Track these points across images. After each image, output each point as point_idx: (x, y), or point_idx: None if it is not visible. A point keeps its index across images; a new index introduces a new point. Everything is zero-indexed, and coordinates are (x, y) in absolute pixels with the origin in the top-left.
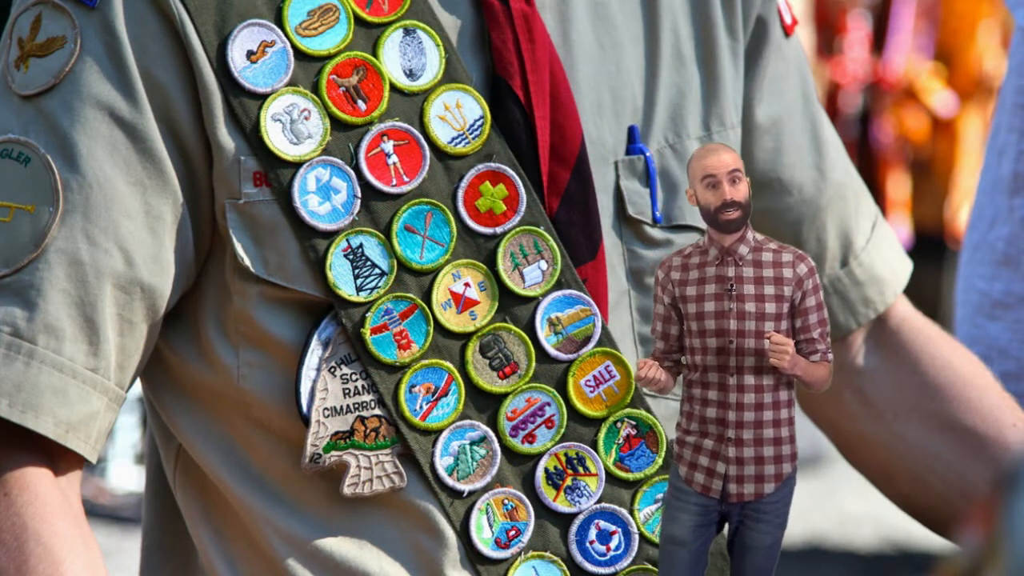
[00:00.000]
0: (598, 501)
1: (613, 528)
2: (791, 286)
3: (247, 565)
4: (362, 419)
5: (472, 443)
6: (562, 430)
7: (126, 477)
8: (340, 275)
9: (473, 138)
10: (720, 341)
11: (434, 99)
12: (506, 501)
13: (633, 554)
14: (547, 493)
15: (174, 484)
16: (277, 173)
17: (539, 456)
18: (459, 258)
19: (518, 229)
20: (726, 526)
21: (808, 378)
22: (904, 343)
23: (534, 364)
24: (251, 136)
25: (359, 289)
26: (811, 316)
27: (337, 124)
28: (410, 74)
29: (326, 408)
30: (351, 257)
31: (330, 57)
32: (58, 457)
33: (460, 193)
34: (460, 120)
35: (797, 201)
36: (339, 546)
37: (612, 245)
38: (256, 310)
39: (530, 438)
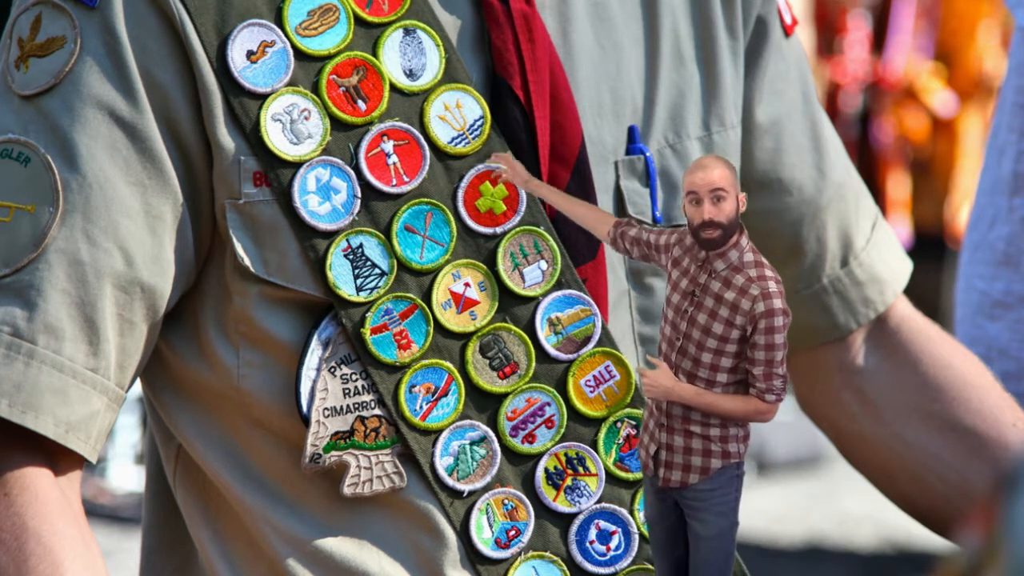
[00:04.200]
0: (598, 501)
1: (613, 528)
2: (744, 318)
3: (247, 565)
4: (362, 419)
5: (472, 443)
6: (562, 430)
7: (126, 477)
8: (340, 275)
9: (473, 138)
10: (673, 334)
11: (434, 99)
12: (506, 501)
13: (633, 554)
14: (547, 493)
15: (174, 484)
16: (277, 173)
17: (539, 456)
18: (459, 258)
19: (518, 229)
20: None
21: (701, 408)
22: (904, 343)
23: (534, 364)
24: (251, 136)
25: (359, 289)
26: (756, 352)
27: (337, 124)
28: (410, 74)
29: (326, 408)
30: (351, 257)
31: (330, 57)
32: (58, 457)
33: (460, 193)
34: (460, 120)
35: (797, 201)
36: (339, 546)
37: None
38: (256, 310)
39: (530, 438)
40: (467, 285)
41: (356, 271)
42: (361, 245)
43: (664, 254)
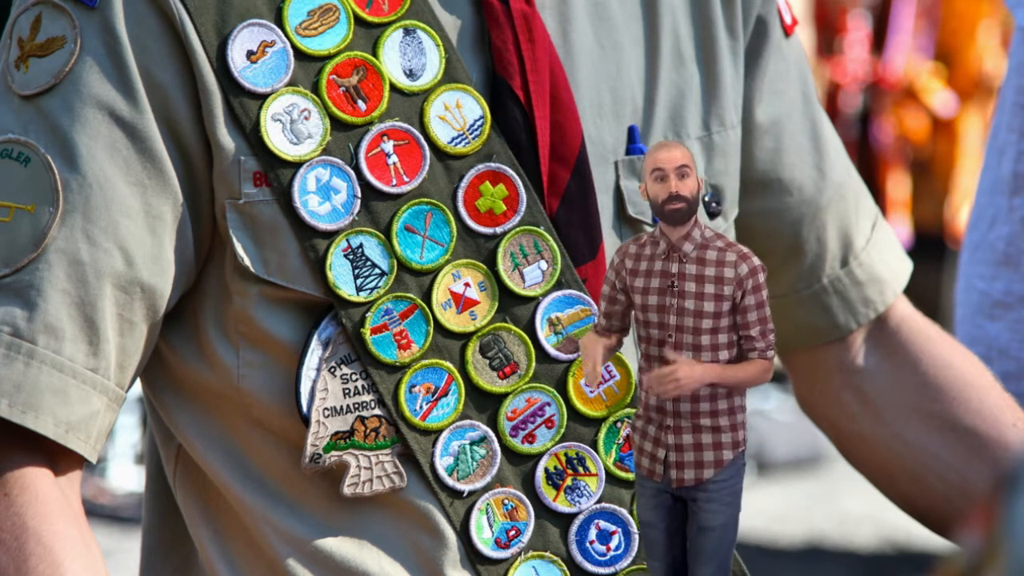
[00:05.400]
0: (598, 501)
1: (613, 528)
2: (731, 285)
3: (247, 565)
4: (362, 419)
5: (472, 443)
6: (562, 430)
7: (126, 477)
8: (340, 275)
9: (473, 138)
10: (661, 334)
11: (434, 99)
12: (506, 501)
13: (633, 554)
14: (547, 493)
15: (174, 484)
16: (277, 173)
17: (539, 456)
18: (459, 258)
19: (518, 229)
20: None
21: (728, 383)
22: (904, 343)
23: (534, 364)
24: (251, 136)
25: (359, 289)
26: (750, 314)
27: (337, 124)
28: (410, 74)
29: (326, 408)
30: (351, 257)
31: (330, 57)
32: (58, 457)
33: (460, 193)
34: (460, 120)
35: (797, 201)
36: (339, 546)
37: (612, 245)
38: (256, 310)
39: (530, 438)
40: (467, 285)
41: (356, 271)
42: (361, 245)
43: (616, 278)
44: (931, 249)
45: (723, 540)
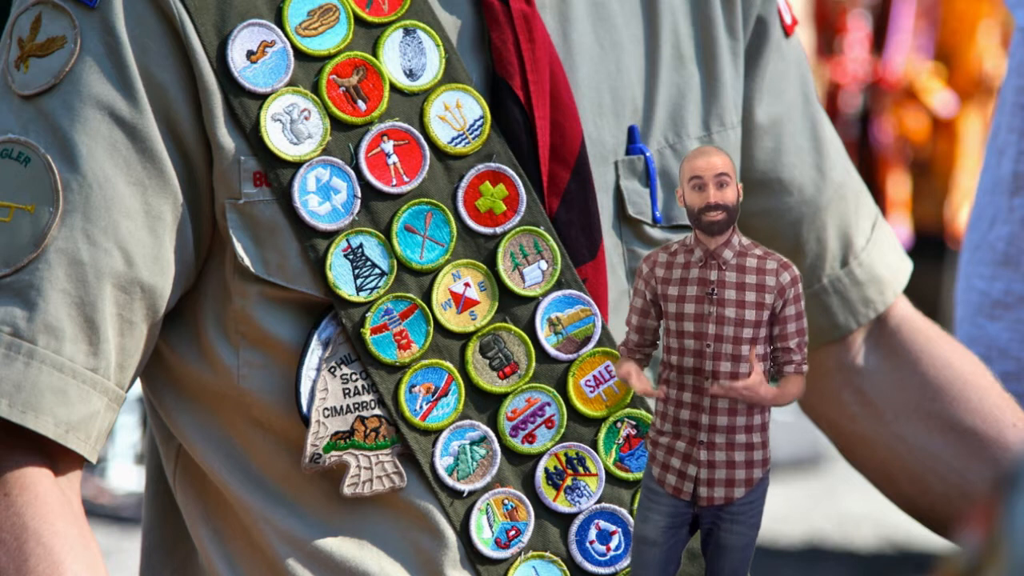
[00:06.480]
0: (598, 501)
1: (613, 528)
2: (773, 294)
3: (247, 565)
4: (362, 419)
5: (472, 443)
6: (562, 430)
7: (126, 477)
8: (340, 275)
9: (473, 138)
10: (698, 344)
11: (434, 99)
12: (506, 501)
13: None
14: (547, 493)
15: (174, 484)
16: (277, 173)
17: (539, 456)
18: (459, 258)
19: (518, 229)
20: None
21: (785, 402)
22: (904, 343)
23: (534, 364)
24: (251, 136)
25: (359, 289)
26: (790, 325)
27: (337, 124)
28: (410, 74)
29: (326, 408)
30: (351, 257)
31: (330, 57)
32: (58, 457)
33: (460, 193)
34: (460, 120)
35: (797, 201)
36: (339, 546)
37: (612, 245)
38: (256, 310)
39: (530, 438)
40: (467, 285)
41: (356, 271)
42: (361, 245)
43: (647, 288)
44: (931, 249)
45: (743, 559)
